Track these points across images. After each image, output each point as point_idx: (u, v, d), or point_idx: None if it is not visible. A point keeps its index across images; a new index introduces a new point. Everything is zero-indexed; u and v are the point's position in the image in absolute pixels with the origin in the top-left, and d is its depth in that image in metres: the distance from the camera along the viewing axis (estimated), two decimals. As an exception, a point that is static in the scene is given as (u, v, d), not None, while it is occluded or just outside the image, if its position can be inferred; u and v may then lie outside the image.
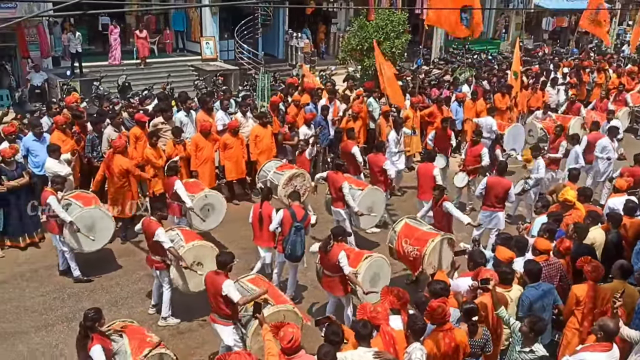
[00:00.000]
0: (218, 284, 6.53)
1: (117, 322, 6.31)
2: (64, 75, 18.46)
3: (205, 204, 9.54)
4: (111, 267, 9.48)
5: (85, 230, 8.62)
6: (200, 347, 7.76)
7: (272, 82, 17.11)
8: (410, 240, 8.44)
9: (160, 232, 7.68)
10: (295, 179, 10.55)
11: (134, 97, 15.72)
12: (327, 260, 7.48)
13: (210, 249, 8.04)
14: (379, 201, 10.11)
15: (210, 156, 11.29)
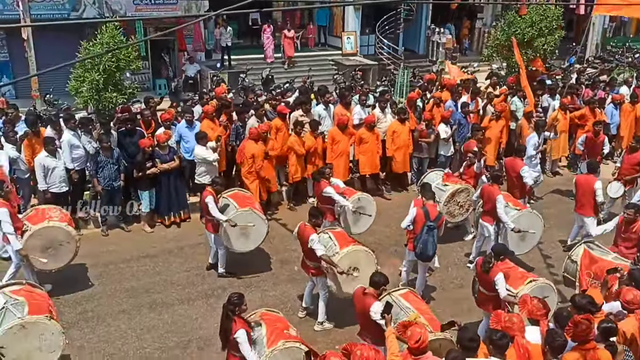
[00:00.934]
0: (367, 305, 6.28)
1: (259, 311, 6.55)
2: (214, 67, 19.73)
3: (358, 206, 9.35)
4: (261, 268, 9.57)
5: (238, 230, 8.76)
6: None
7: (411, 78, 16.94)
8: (593, 274, 7.56)
9: (314, 239, 7.51)
10: (458, 195, 9.96)
11: (276, 90, 16.38)
12: (484, 277, 7.11)
13: (364, 252, 7.87)
14: (536, 224, 9.10)
15: (345, 150, 11.46)
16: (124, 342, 7.71)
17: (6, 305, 6.30)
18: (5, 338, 6.03)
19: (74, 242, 8.34)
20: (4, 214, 7.77)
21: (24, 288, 6.73)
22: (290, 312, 8.33)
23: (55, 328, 6.34)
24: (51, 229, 8.16)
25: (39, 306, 6.42)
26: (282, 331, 6.22)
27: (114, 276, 9.19)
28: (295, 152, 11.07)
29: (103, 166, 9.95)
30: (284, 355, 6.01)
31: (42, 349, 6.25)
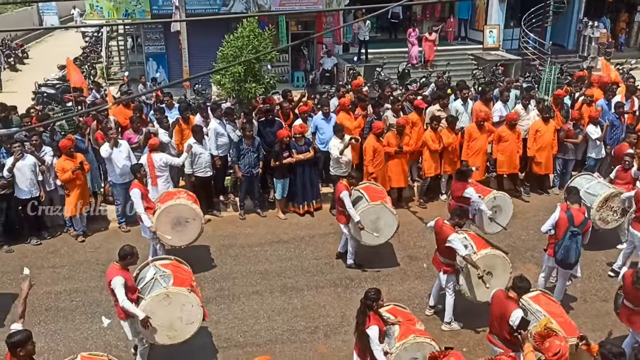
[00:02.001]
0: (507, 310, 6.01)
1: (390, 306, 6.57)
2: (351, 60, 19.98)
3: (494, 205, 9.07)
4: (389, 263, 9.58)
5: (369, 224, 8.78)
6: (472, 351, 7.46)
7: (558, 75, 15.92)
8: None
9: (455, 239, 7.30)
10: (612, 200, 9.23)
11: (411, 84, 16.23)
12: (634, 291, 6.54)
13: (501, 259, 7.60)
14: None
15: (482, 147, 11.07)
16: (256, 322, 8.09)
17: (155, 276, 6.87)
18: (151, 304, 6.56)
19: (199, 220, 8.79)
20: (136, 195, 8.50)
21: (172, 263, 7.29)
22: (417, 309, 8.21)
23: (195, 301, 6.72)
24: (178, 207, 8.66)
25: (183, 280, 6.90)
26: (413, 326, 6.24)
27: (249, 258, 9.67)
28: (429, 147, 10.88)
29: (244, 154, 10.49)
30: (413, 349, 6.00)
31: (182, 319, 6.68)
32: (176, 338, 6.78)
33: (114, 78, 21.08)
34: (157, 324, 6.61)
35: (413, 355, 6.01)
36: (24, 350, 5.15)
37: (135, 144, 10.52)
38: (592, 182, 9.64)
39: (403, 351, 5.96)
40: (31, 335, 5.28)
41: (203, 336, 7.67)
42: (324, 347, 7.54)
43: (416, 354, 6.00)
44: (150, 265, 7.17)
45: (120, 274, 6.52)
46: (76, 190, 9.82)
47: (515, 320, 5.82)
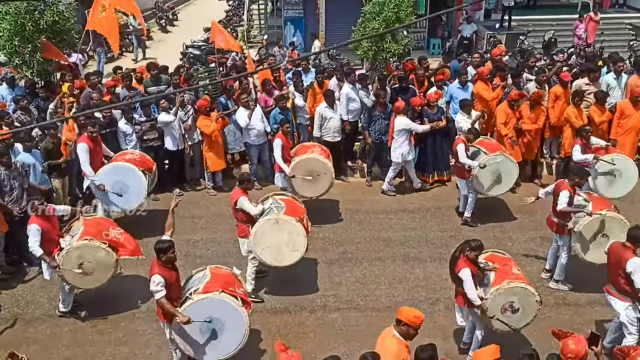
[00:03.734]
0: (623, 258, 6.11)
1: (488, 253, 6.73)
2: (492, 27, 19.02)
3: (612, 169, 8.81)
4: (507, 222, 9.64)
5: (489, 176, 9.09)
6: (584, 324, 7.26)
7: None
8: None
9: (564, 195, 7.40)
10: None
11: (557, 54, 15.13)
12: None
13: (619, 221, 7.42)
14: None
15: (635, 126, 10.10)
16: (377, 287, 8.19)
17: (271, 206, 7.74)
18: (264, 226, 7.41)
19: (330, 174, 9.32)
20: (277, 144, 9.27)
21: (288, 198, 8.11)
22: (547, 292, 7.87)
23: (301, 230, 7.45)
24: (311, 160, 9.28)
25: (294, 212, 7.67)
26: (508, 271, 6.36)
27: (373, 225, 9.76)
28: (572, 124, 10.11)
29: (375, 120, 10.49)
30: (508, 294, 6.19)
31: (288, 245, 7.46)
32: (281, 262, 7.58)
33: (254, 41, 21.87)
34: (267, 245, 7.45)
35: (508, 300, 6.18)
36: (165, 257, 5.98)
37: (270, 107, 10.88)
38: None
39: (498, 296, 6.17)
40: (173, 244, 6.10)
41: (324, 296, 7.96)
42: (444, 319, 7.48)
43: (512, 297, 6.18)
44: (270, 198, 8.01)
45: (245, 195, 7.56)
46: (213, 148, 10.44)
47: (633, 270, 5.92)
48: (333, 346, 7.01)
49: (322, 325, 7.45)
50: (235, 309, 6.16)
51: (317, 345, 7.07)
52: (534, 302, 6.30)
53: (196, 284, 6.40)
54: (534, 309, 6.34)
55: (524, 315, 6.31)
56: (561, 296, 7.88)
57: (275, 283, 8.17)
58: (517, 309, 6.25)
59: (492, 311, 6.21)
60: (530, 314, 6.34)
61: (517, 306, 6.24)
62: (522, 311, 6.27)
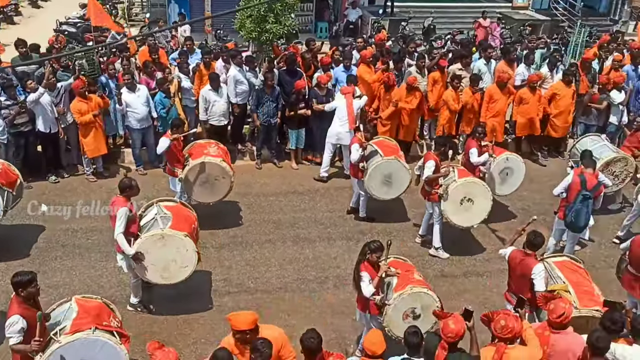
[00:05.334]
0: (528, 266, 6.04)
1: (390, 258, 6.56)
2: (376, 13, 19.55)
3: (505, 167, 9.15)
4: (390, 203, 9.76)
5: (382, 178, 8.91)
6: (460, 295, 7.89)
7: (587, 38, 15.48)
8: None
9: (430, 164, 8.02)
10: (614, 165, 9.31)
11: (436, 41, 15.89)
12: (638, 258, 6.65)
13: (481, 187, 8.18)
14: None
15: (502, 110, 10.91)
16: (267, 269, 8.27)
17: (156, 217, 7.00)
18: (147, 243, 6.72)
19: (228, 178, 8.70)
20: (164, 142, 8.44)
21: (176, 206, 7.40)
22: (427, 266, 8.38)
23: (190, 245, 6.81)
24: (207, 165, 8.56)
25: (182, 224, 6.96)
26: (410, 277, 6.30)
27: (263, 207, 9.79)
28: (449, 107, 10.76)
29: (264, 103, 10.46)
30: (411, 299, 6.10)
31: (177, 261, 6.84)
32: (169, 279, 6.97)
33: (135, 19, 20.90)
34: (151, 263, 6.80)
35: (411, 306, 6.11)
36: (25, 292, 5.19)
37: (154, 90, 10.50)
38: (597, 144, 9.58)
39: (401, 302, 6.07)
40: (35, 277, 5.29)
41: (213, 280, 7.90)
42: (332, 297, 7.72)
43: (414, 304, 6.11)
44: (154, 205, 7.29)
45: (126, 205, 6.70)
46: (91, 132, 9.86)
47: (536, 275, 5.93)
48: (224, 330, 6.91)
49: (212, 310, 7.40)
50: (114, 348, 5.34)
51: (207, 330, 7.03)
52: (435, 308, 5.98)
53: (62, 321, 5.41)
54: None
55: (425, 321, 6.11)
56: (439, 268, 8.41)
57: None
58: (419, 315, 6.15)
59: (393, 317, 6.12)
60: (430, 321, 6.10)
61: (418, 312, 6.16)
62: (424, 317, 6.14)
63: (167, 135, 8.56)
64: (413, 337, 4.90)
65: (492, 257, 8.56)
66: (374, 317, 6.24)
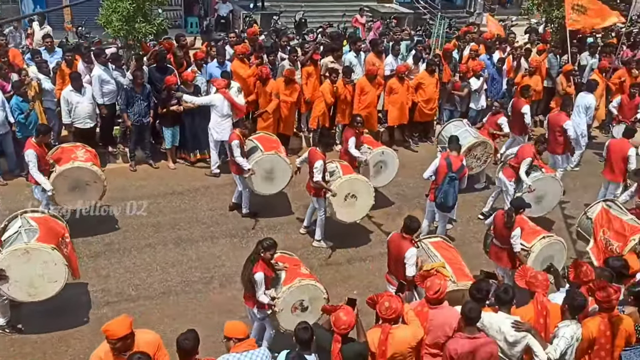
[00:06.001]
0: (402, 249, 6.39)
1: (278, 254, 6.59)
2: (247, 7, 19.43)
3: (380, 160, 9.46)
4: (273, 196, 9.77)
5: (263, 173, 8.93)
6: (345, 281, 8.10)
7: (447, 29, 16.48)
8: (610, 233, 7.53)
9: (318, 165, 8.03)
10: (475, 149, 9.99)
11: (308, 34, 16.14)
12: (501, 230, 7.22)
13: (365, 183, 8.39)
14: (552, 192, 9.08)
15: (373, 101, 11.31)
16: (149, 274, 7.96)
17: (20, 230, 6.53)
18: (9, 258, 6.25)
19: (100, 182, 8.30)
20: (32, 155, 7.74)
21: (43, 217, 6.92)
22: (312, 256, 8.52)
23: (59, 259, 6.42)
24: (76, 170, 8.12)
25: (50, 236, 6.56)
26: (298, 270, 6.45)
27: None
28: (325, 99, 10.96)
29: (133, 102, 10.02)
30: (299, 292, 6.23)
31: (44, 276, 6.40)
32: (37, 296, 6.51)
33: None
34: (14, 279, 6.32)
35: (299, 298, 6.24)
36: None
37: (9, 93, 9.64)
38: (460, 129, 10.26)
39: (289, 295, 6.18)
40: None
41: (90, 292, 7.48)
42: (219, 297, 7.61)
43: (302, 296, 6.24)
44: (19, 217, 6.76)
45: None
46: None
47: (409, 260, 6.26)
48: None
49: (90, 323, 6.99)
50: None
51: (85, 345, 6.59)
52: (322, 300, 6.30)
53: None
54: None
55: (313, 313, 6.30)
56: (323, 257, 8.58)
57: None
58: (307, 307, 6.29)
59: (283, 311, 6.18)
60: (318, 313, 6.27)
61: (306, 304, 6.28)
62: (311, 309, 6.30)
63: (30, 143, 7.87)
64: (304, 333, 4.84)
65: (373, 243, 8.94)
66: (262, 312, 6.24)
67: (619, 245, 7.32)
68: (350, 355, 4.84)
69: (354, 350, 4.87)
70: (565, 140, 9.99)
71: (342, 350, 4.82)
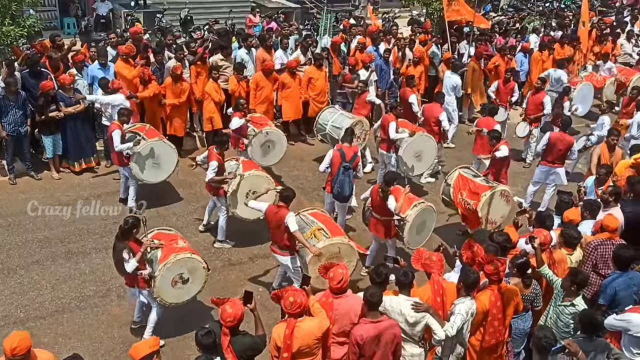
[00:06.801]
0: (280, 217, 6.79)
1: (155, 231, 6.82)
2: (128, 6, 18.57)
3: (267, 140, 9.68)
4: (170, 199, 9.74)
5: (149, 162, 8.90)
6: (251, 280, 8.01)
7: (334, 23, 16.76)
8: (465, 193, 8.39)
9: (213, 165, 7.99)
10: (355, 128, 10.19)
11: (195, 32, 15.76)
12: (377, 203, 7.56)
13: (265, 179, 8.36)
14: (428, 149, 9.94)
15: (269, 96, 11.29)
16: (39, 293, 7.45)
17: None
18: None
19: None
20: None
21: None
22: (214, 257, 8.35)
23: None
24: None
25: None
26: (173, 246, 6.60)
27: (25, 226, 8.77)
28: (213, 98, 10.74)
29: (7, 111, 9.31)
30: (176, 267, 6.42)
31: None
32: None
33: None
34: None
35: (178, 272, 6.43)
36: None
37: None
38: (335, 114, 10.64)
39: (167, 272, 6.34)
40: None
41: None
42: (117, 309, 7.28)
43: (180, 269, 6.45)
44: None
45: None
46: None
47: (289, 224, 6.70)
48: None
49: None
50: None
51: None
52: (201, 269, 6.64)
53: None
54: (203, 275, 6.68)
55: (195, 283, 6.63)
56: (226, 258, 8.45)
57: None
58: (187, 279, 6.53)
59: (163, 286, 6.37)
60: (200, 281, 6.67)
61: (186, 276, 6.51)
62: (192, 280, 6.57)
63: None
64: (207, 338, 4.72)
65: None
66: (142, 291, 6.43)
67: (474, 202, 8.17)
68: (241, 348, 4.83)
69: (244, 343, 4.85)
70: (440, 130, 10.44)
71: (232, 342, 4.80)
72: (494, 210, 8.20)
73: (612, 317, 5.55)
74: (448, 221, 9.38)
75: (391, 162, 9.79)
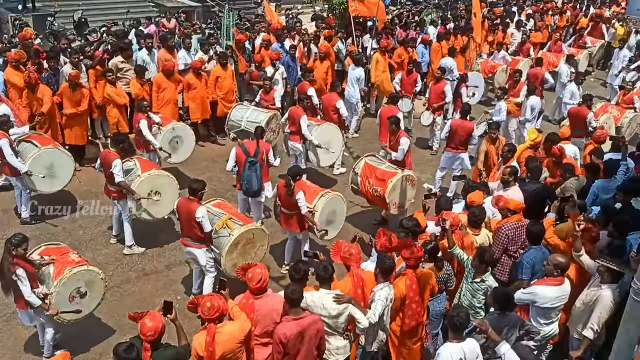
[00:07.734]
0: (192, 210, 6.80)
1: (42, 248, 6.49)
2: (15, 10, 17.50)
3: (174, 136, 9.56)
4: (72, 204, 9.32)
5: (44, 170, 8.44)
6: (168, 288, 7.79)
7: (237, 21, 16.59)
8: (372, 181, 8.62)
9: (117, 164, 7.75)
10: (271, 123, 10.35)
11: (91, 34, 15.06)
12: (285, 198, 7.58)
13: (167, 177, 8.22)
14: (336, 139, 10.14)
15: (173, 98, 10.97)
16: None
17: None
18: None
19: None
20: None
21: None
22: (127, 269, 8.06)
23: None
24: None
25: None
26: (67, 260, 6.33)
27: None
28: (116, 102, 10.31)
29: None
30: (73, 281, 6.17)
31: None
32: None
33: None
34: None
35: (75, 287, 6.20)
36: None
37: None
38: (248, 110, 10.62)
39: (63, 288, 6.09)
40: None
41: None
42: (25, 332, 6.81)
43: (78, 283, 6.22)
44: None
45: None
46: None
47: (201, 218, 6.76)
48: None
49: None
50: None
51: None
52: (99, 281, 6.41)
53: None
54: (101, 287, 6.47)
55: (93, 296, 6.39)
56: (141, 268, 8.15)
57: None
58: (85, 292, 6.29)
59: (60, 304, 6.08)
60: (99, 293, 6.46)
61: (84, 290, 6.28)
62: (91, 293, 6.34)
63: None
64: (129, 353, 4.46)
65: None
66: (38, 311, 6.11)
67: (382, 189, 8.43)
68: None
69: (167, 356, 4.68)
70: (340, 119, 10.68)
71: (154, 357, 4.61)
72: (401, 195, 8.50)
73: (520, 291, 5.88)
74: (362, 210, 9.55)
75: (302, 154, 9.93)
